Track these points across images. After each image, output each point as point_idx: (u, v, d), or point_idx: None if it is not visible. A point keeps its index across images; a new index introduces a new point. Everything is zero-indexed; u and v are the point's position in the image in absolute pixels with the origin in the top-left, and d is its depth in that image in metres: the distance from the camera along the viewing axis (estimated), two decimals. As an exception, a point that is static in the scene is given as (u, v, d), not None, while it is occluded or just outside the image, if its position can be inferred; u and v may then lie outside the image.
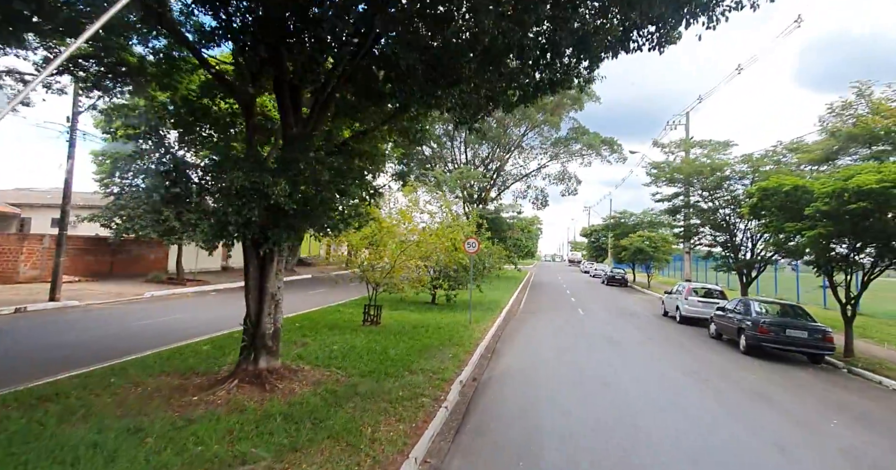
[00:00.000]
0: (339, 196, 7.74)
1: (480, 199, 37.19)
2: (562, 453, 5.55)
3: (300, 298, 20.34)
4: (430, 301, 20.09)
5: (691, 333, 16.06)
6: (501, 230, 38.33)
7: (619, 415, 7.03)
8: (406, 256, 14.27)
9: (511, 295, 26.18)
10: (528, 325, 16.34)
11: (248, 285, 7.36)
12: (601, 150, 34.16)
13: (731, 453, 5.82)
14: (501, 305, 20.61)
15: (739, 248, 18.54)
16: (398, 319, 15.14)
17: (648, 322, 18.33)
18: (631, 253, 35.66)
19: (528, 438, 6.00)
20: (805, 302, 24.59)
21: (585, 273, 58.88)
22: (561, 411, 7.12)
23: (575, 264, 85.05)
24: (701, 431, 6.53)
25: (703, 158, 18.93)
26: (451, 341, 11.80)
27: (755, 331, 11.83)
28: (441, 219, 20.59)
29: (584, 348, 12.34)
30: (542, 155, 36.96)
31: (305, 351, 9.69)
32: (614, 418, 6.86)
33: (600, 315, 19.82)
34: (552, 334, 14.45)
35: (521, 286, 33.13)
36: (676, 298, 18.62)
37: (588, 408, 7.35)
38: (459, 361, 9.92)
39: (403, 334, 12.23)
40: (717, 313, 14.69)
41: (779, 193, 12.21)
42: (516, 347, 12.20)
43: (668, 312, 20.09)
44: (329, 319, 14.32)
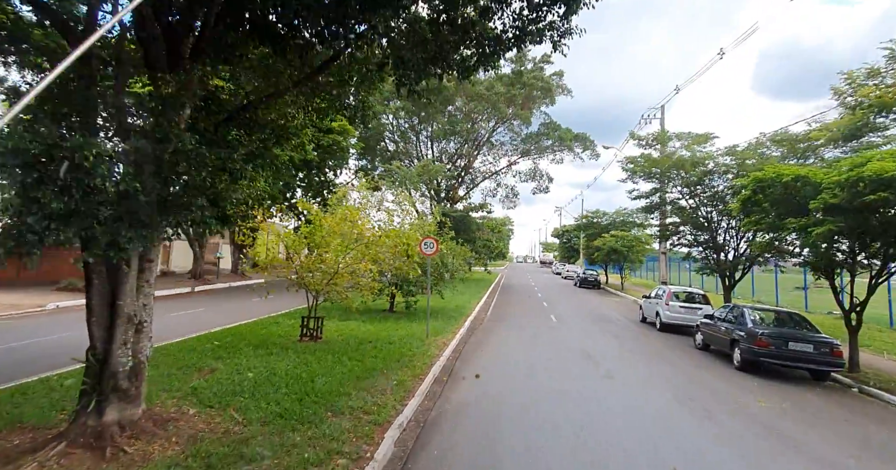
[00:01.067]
0: (222, 181, 5.65)
1: (448, 198, 35.33)
2: None
3: (240, 307, 18.08)
4: (387, 309, 18.06)
5: (674, 343, 14.49)
6: (470, 230, 36.55)
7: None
8: (353, 260, 12.22)
9: (478, 300, 24.35)
10: (494, 336, 14.49)
11: (91, 303, 5.21)
12: (573, 147, 32.76)
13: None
14: (466, 312, 18.74)
15: (722, 248, 17.13)
16: (345, 332, 13.09)
17: (626, 330, 16.73)
18: (604, 253, 34.36)
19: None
20: (784, 304, 23.51)
21: (557, 274, 57.67)
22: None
23: (547, 266, 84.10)
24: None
25: (682, 151, 17.47)
26: (400, 362, 9.82)
27: (752, 344, 10.24)
28: (401, 218, 18.64)
29: (558, 367, 10.53)
30: (512, 152, 35.38)
31: (207, 382, 7.57)
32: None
33: (574, 322, 18.15)
34: (521, 348, 12.62)
35: (491, 290, 31.37)
36: (656, 304, 17.09)
37: (568, 465, 5.48)
38: (405, 390, 7.95)
39: (344, 353, 10.20)
40: (705, 322, 13.14)
41: (776, 185, 10.66)
42: (479, 367, 10.30)
43: (646, 317, 18.58)
44: (260, 334, 12.16)
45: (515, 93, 28.98)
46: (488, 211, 37.58)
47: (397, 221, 18.34)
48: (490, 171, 36.46)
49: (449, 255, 17.92)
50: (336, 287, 11.73)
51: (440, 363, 10.17)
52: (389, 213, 17.59)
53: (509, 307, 22.59)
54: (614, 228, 36.43)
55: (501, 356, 11.58)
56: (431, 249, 13.08)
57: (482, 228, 39.35)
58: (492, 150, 36.00)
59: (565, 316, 19.92)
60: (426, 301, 18.86)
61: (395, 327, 14.27)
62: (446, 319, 16.33)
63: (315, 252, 12.30)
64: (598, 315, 20.84)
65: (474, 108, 29.13)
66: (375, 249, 12.32)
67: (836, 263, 10.53)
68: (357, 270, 12.47)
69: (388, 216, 17.53)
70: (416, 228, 18.61)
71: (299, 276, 11.44)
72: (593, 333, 15.73)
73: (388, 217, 17.50)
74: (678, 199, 19.05)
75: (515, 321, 17.82)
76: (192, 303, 18.94)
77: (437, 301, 19.94)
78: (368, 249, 12.40)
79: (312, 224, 12.55)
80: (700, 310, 16.02)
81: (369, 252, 12.38)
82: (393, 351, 10.81)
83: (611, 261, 36.38)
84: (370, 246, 12.44)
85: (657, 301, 17.14)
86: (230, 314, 15.91)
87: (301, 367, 8.88)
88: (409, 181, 23.62)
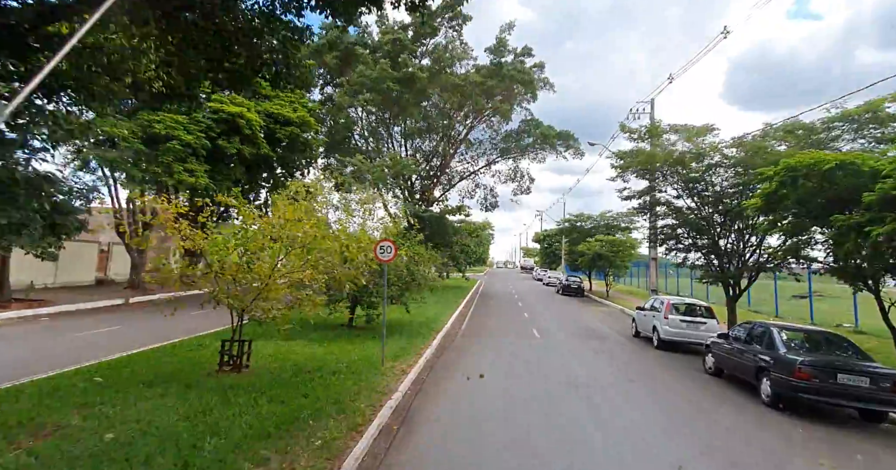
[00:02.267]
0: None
1: (423, 199, 32.97)
2: None
3: (172, 322, 15.27)
4: (346, 323, 15.61)
5: (679, 366, 12.36)
6: (446, 234, 34.23)
7: None
8: (293, 268, 9.76)
9: (453, 311, 22.01)
10: (467, 358, 12.17)
11: None
12: (556, 145, 30.78)
13: None
14: (438, 327, 16.38)
15: (728, 253, 15.12)
16: (282, 357, 10.64)
17: (621, 348, 14.57)
18: (589, 259, 32.39)
19: None
20: (785, 315, 21.70)
21: (538, 281, 55.68)
22: None
23: (527, 271, 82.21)
24: None
25: (682, 144, 15.46)
26: (339, 403, 7.43)
27: (788, 375, 8.11)
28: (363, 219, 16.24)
29: (542, 407, 8.24)
30: (491, 150, 33.25)
31: (29, 455, 5.08)
32: None
33: (560, 338, 15.95)
34: (498, 377, 10.32)
35: (468, 299, 29.07)
36: (653, 317, 14.98)
37: None
38: (330, 453, 5.58)
39: (268, 391, 7.77)
40: (717, 342, 11.01)
41: (812, 175, 8.59)
42: (442, 408, 7.97)
43: (640, 332, 16.48)
44: (169, 363, 9.63)
45: (493, 84, 26.86)
46: (466, 213, 35.32)
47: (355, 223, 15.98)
48: (468, 170, 34.31)
49: (417, 261, 15.57)
50: (264, 304, 9.27)
51: (392, 403, 7.80)
52: (349, 213, 15.18)
53: (487, 319, 20.30)
54: (598, 232, 34.58)
55: (474, 389, 9.26)
56: (389, 253, 10.71)
57: (459, 232, 37.10)
58: (470, 149, 33.87)
59: (549, 330, 17.71)
60: (393, 313, 16.53)
61: (348, 349, 11.85)
62: (412, 337, 13.96)
63: (243, 258, 9.83)
64: (586, 328, 18.69)
65: (449, 100, 26.88)
66: (316, 255, 9.88)
67: (887, 269, 8.49)
68: (296, 280, 10.04)
69: (347, 216, 15.13)
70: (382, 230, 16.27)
71: (214, 289, 8.95)
72: (583, 352, 13.52)
73: (347, 217, 15.11)
74: (674, 198, 17.03)
75: (493, 338, 15.53)
76: (117, 318, 16.18)
77: (404, 314, 17.57)
78: (309, 254, 9.94)
79: (243, 224, 10.11)
80: (704, 325, 13.96)
81: (310, 258, 9.93)
82: (334, 385, 8.42)
83: (596, 267, 34.46)
84: (311, 250, 9.98)
85: (654, 314, 15.04)
86: (155, 332, 13.29)
87: (196, 417, 6.42)
88: (374, 177, 21.13)
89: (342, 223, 12.68)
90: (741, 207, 13.13)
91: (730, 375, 10.64)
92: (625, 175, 18.49)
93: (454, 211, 35.26)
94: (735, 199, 13.95)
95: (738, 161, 13.16)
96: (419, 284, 15.20)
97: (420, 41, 27.19)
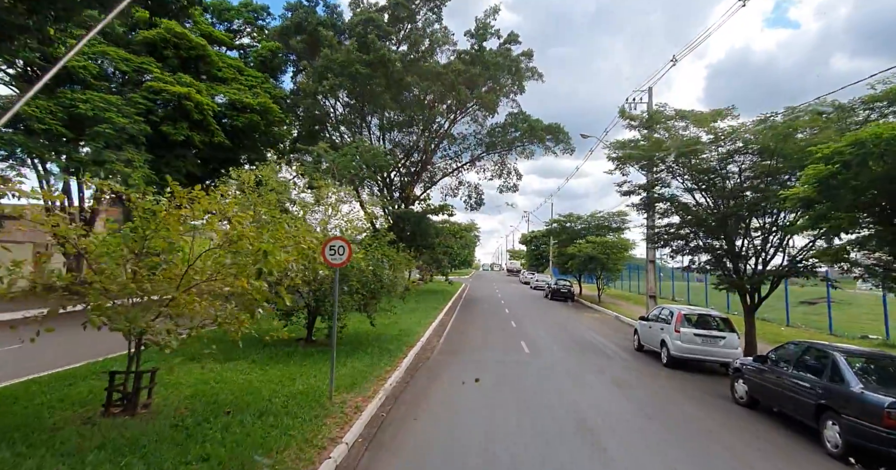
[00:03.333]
0: None
1: (403, 198, 30.66)
2: None
3: (64, 347, 12.20)
4: (304, 338, 13.27)
5: (700, 392, 10.21)
6: (428, 235, 31.95)
7: None
8: (224, 274, 7.39)
9: (432, 319, 19.74)
10: (441, 385, 9.92)
11: None
12: (545, 139, 28.66)
13: None
14: (411, 342, 14.11)
15: (745, 255, 13.08)
16: (206, 386, 8.30)
17: (625, 367, 12.42)
18: (580, 262, 30.34)
19: None
20: (796, 323, 19.82)
21: (525, 284, 53.61)
22: None
23: (514, 274, 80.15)
24: None
25: (693, 130, 13.39)
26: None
27: (873, 422, 5.98)
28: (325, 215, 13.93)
29: (537, 463, 6.01)
30: (476, 146, 31.03)
31: None
32: None
33: (553, 354, 13.77)
34: (480, 411, 8.07)
35: (450, 305, 26.82)
36: (661, 330, 12.87)
37: None
38: None
39: (152, 450, 5.45)
40: (752, 367, 8.85)
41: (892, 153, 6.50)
42: (403, 468, 5.72)
43: (644, 345, 14.38)
44: (36, 405, 7.20)
45: (477, 72, 24.66)
46: (450, 213, 33.06)
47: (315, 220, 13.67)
48: (451, 166, 32.02)
49: (389, 265, 13.27)
50: (167, 324, 6.90)
51: (330, 466, 5.52)
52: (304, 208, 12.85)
53: (470, 330, 18.06)
54: (589, 233, 32.58)
55: (447, 435, 7.00)
56: (342, 256, 8.40)
57: (442, 233, 34.83)
58: (453, 145, 31.61)
59: (540, 343, 15.53)
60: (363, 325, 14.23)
61: (295, 374, 9.52)
62: (377, 356, 11.65)
63: (142, 261, 7.45)
64: (581, 340, 16.54)
65: (428, 89, 24.58)
66: (245, 259, 7.53)
67: None
68: (219, 290, 7.73)
69: (303, 212, 12.81)
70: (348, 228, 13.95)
71: (90, 305, 6.57)
72: (581, 374, 11.34)
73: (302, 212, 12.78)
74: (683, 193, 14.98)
75: (475, 354, 13.29)
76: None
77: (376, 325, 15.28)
78: (236, 257, 7.58)
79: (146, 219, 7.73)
80: (722, 340, 11.88)
81: (238, 262, 7.56)
82: (256, 434, 6.11)
83: (587, 270, 32.44)
84: (239, 251, 7.62)
85: (662, 326, 12.93)
86: (65, 353, 10.75)
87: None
88: (341, 166, 18.71)
89: (286, 221, 10.32)
90: (767, 200, 11.09)
91: (768, 407, 8.53)
92: (625, 167, 16.41)
93: (437, 210, 33.02)
94: (758, 192, 11.89)
95: (763, 146, 11.06)
96: (389, 291, 12.90)
97: (396, 25, 24.89)
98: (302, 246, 8.14)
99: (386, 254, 13.26)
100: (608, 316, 25.33)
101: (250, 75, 20.45)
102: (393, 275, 13.22)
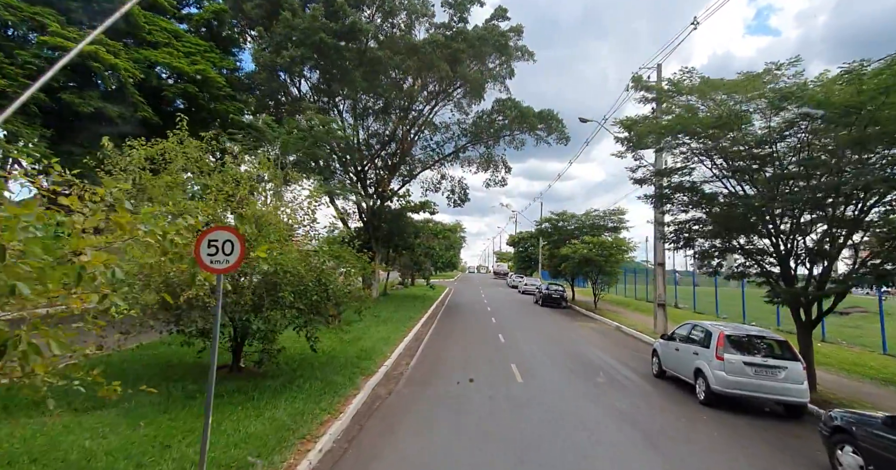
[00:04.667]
0: None
1: (377, 193, 27.41)
2: None
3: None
4: (229, 365, 10.04)
5: (778, 456, 7.17)
6: (406, 234, 28.78)
7: None
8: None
9: (406, 332, 16.61)
10: (401, 441, 6.74)
11: None
12: (537, 127, 25.64)
13: None
14: (372, 366, 10.95)
15: (801, 258, 10.15)
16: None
17: (649, 405, 9.36)
18: (574, 264, 27.38)
19: None
20: (834, 338, 16.99)
21: (513, 288, 50.59)
22: None
23: (501, 277, 77.14)
24: None
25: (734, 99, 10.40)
26: None
27: None
28: (264, 206, 10.66)
29: None
30: (461, 136, 27.89)
31: None
32: None
33: (553, 384, 10.68)
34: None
35: (429, 313, 23.64)
36: (696, 355, 9.83)
37: None
38: None
39: None
40: (879, 434, 5.74)
41: None
42: None
43: (667, 370, 11.38)
44: None
45: (460, 48, 21.55)
46: (431, 210, 29.87)
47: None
48: (432, 158, 28.78)
49: (330, 267, 10.03)
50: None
51: None
52: (226, 195, 9.58)
53: (449, 347, 14.93)
54: (584, 234, 29.67)
55: None
56: (229, 256, 5.22)
57: (423, 232, 31.67)
58: (436, 134, 28.48)
59: (535, 366, 12.45)
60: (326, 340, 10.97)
61: (176, 433, 6.30)
62: (318, 393, 8.47)
63: None
64: (584, 361, 13.49)
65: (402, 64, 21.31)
66: (98, 259, 4.30)
67: None
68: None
69: (217, 195, 9.51)
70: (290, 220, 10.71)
71: None
72: (591, 415, 8.27)
73: (216, 195, 9.50)
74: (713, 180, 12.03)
75: (453, 386, 10.13)
76: None
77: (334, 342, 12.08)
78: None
79: None
80: (782, 371, 8.87)
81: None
82: None
83: (582, 273, 29.52)
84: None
85: (696, 350, 9.90)
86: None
87: None
88: (283, 143, 15.27)
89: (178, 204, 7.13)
90: (848, 184, 8.12)
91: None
92: (637, 150, 13.45)
93: (417, 208, 29.81)
94: (833, 173, 8.92)
95: (849, 106, 8.07)
96: (336, 303, 9.69)
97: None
98: (171, 239, 4.94)
99: (336, 254, 10.03)
100: (607, 326, 22.37)
101: (189, 42, 17.08)
102: (346, 283, 10.02)
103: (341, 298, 9.72)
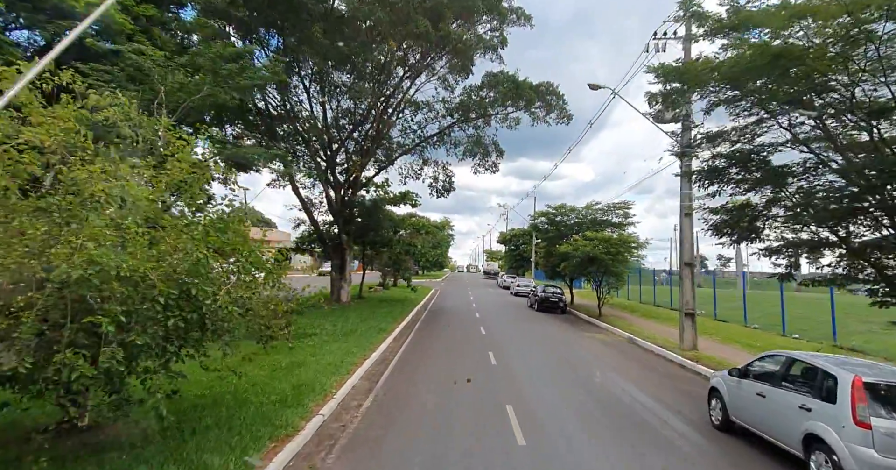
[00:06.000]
0: None
1: (349, 182, 23.51)
2: None
3: None
4: (58, 422, 6.19)
5: None
6: (381, 229, 24.93)
7: None
8: None
9: (372, 349, 12.81)
10: None
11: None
12: (534, 102, 21.91)
13: None
14: (297, 420, 7.07)
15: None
16: None
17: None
18: (576, 264, 23.71)
19: None
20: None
21: (505, 289, 46.94)
22: None
23: (491, 277, 73.47)
24: None
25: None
26: None
27: None
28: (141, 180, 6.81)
29: None
30: (446, 114, 24.10)
31: None
32: None
33: (569, 443, 6.91)
34: None
35: (408, 320, 19.87)
36: (806, 411, 6.15)
37: None
38: None
39: None
40: None
41: None
42: None
43: (737, 421, 7.69)
44: None
45: (442, 1, 17.70)
46: (413, 202, 26.06)
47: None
48: (414, 142, 24.85)
49: (237, 273, 6.27)
50: None
51: None
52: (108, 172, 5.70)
53: (424, 371, 11.16)
54: (585, 229, 26.01)
55: None
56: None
57: (402, 227, 27.87)
58: (417, 113, 24.63)
59: (540, 408, 8.70)
60: (219, 375, 7.04)
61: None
62: (233, 444, 4.66)
63: None
64: (603, 398, 9.76)
65: (370, 16, 17.24)
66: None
67: None
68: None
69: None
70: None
71: None
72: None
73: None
74: (785, 146, 8.37)
75: (416, 455, 6.32)
76: None
77: (268, 369, 8.26)
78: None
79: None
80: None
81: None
82: None
83: (585, 273, 25.91)
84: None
85: (804, 403, 6.21)
86: None
87: None
88: (174, 85, 10.99)
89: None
90: None
91: None
92: (675, 108, 9.77)
93: (397, 199, 26.01)
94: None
95: None
96: (219, 329, 5.88)
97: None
98: None
99: (226, 244, 6.19)
100: (619, 337, 18.74)
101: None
102: (245, 295, 6.19)
103: (229, 320, 5.86)
